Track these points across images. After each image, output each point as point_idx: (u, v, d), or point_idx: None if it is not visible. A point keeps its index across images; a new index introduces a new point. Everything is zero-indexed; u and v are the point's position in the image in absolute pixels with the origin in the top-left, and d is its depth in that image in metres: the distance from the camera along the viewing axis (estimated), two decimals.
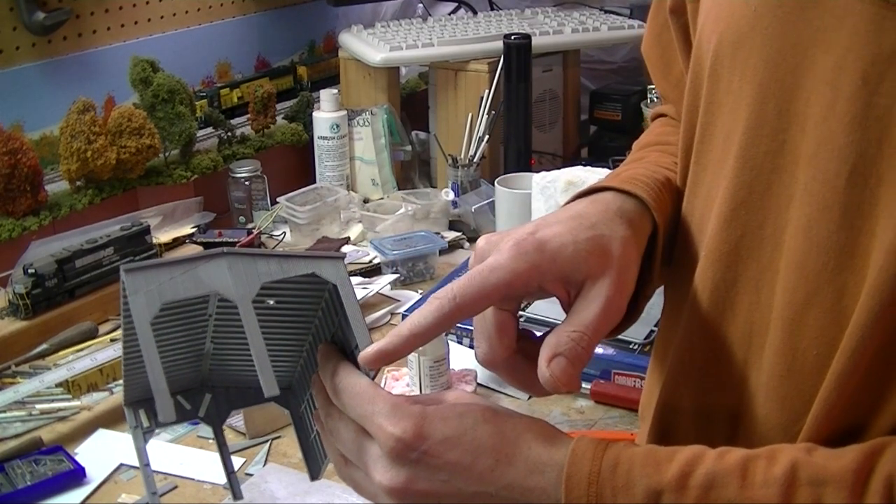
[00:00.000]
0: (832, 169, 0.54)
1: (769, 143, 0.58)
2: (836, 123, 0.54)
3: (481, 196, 1.69)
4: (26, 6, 1.49)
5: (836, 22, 0.54)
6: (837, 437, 0.56)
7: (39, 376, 1.16)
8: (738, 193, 0.60)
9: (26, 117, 1.56)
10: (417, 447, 0.57)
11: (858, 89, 0.53)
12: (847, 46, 0.53)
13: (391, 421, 0.58)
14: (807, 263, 0.56)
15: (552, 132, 1.95)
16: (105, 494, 1.03)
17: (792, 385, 0.58)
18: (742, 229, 0.61)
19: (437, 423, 0.58)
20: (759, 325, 0.60)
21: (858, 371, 0.54)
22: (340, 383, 0.61)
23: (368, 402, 0.59)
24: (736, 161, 0.60)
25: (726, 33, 0.61)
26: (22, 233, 1.43)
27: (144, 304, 0.57)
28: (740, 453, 0.56)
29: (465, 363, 1.20)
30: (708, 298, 0.63)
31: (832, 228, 0.55)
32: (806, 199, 0.56)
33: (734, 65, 0.61)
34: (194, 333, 0.66)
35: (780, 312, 0.58)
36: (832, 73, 0.54)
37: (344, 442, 0.62)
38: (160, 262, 0.59)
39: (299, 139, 1.83)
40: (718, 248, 0.62)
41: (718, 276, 0.62)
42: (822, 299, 0.56)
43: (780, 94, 0.57)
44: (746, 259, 0.61)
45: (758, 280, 0.60)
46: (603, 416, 1.14)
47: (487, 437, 0.58)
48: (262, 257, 0.61)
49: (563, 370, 0.59)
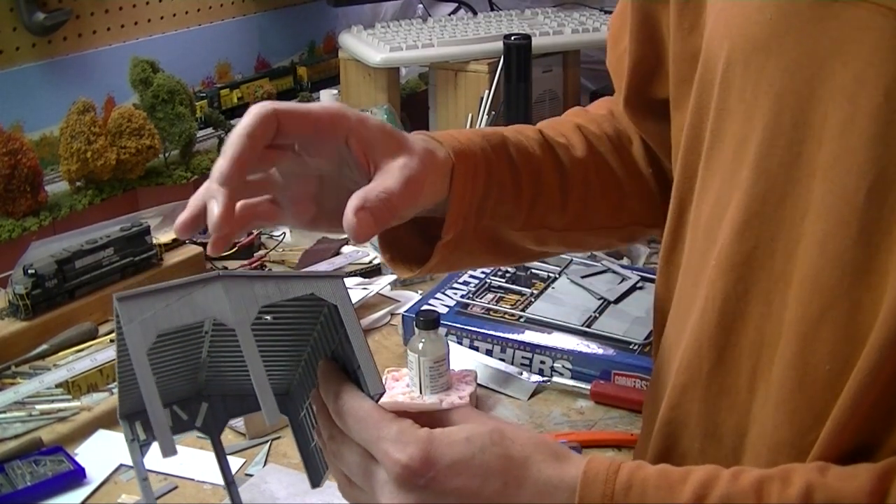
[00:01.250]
0: (851, 184, 0.54)
1: (785, 155, 0.58)
2: (856, 139, 0.53)
3: None
4: (26, 6, 1.49)
5: (858, 35, 0.53)
6: (849, 455, 0.55)
7: (39, 377, 1.16)
8: (752, 204, 0.60)
9: (26, 117, 1.56)
10: (425, 474, 0.57)
11: (880, 105, 0.52)
12: (868, 61, 0.53)
13: (397, 447, 0.57)
14: (821, 278, 0.56)
15: None
16: (105, 495, 1.03)
17: (802, 399, 0.58)
18: (755, 240, 0.60)
19: (445, 448, 0.58)
20: (771, 336, 0.60)
21: (874, 390, 0.54)
22: (344, 406, 0.60)
23: (374, 428, 0.59)
24: (750, 171, 0.60)
25: (739, 40, 0.60)
26: (22, 233, 1.43)
27: (140, 333, 0.56)
28: (754, 474, 0.55)
29: (465, 363, 1.20)
30: (718, 307, 0.63)
31: (848, 244, 0.54)
32: (821, 214, 0.56)
33: (747, 73, 0.60)
34: (190, 348, 0.65)
35: (793, 326, 0.58)
36: (852, 87, 0.53)
37: (349, 466, 0.61)
38: (154, 289, 0.57)
39: None
40: (730, 258, 0.62)
41: (730, 286, 0.62)
42: (837, 315, 0.55)
43: (797, 105, 0.57)
44: (759, 270, 0.60)
45: (769, 292, 0.60)
46: (603, 416, 1.13)
47: (495, 461, 0.58)
48: (260, 279, 0.60)
49: (367, 223, 0.62)
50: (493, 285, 1.35)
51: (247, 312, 0.58)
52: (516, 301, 1.31)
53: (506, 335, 1.22)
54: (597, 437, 1.09)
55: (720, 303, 0.63)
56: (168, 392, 0.68)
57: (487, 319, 1.26)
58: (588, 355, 1.18)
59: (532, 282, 1.36)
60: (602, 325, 1.23)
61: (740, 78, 0.61)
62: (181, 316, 0.57)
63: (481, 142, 0.74)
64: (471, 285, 1.35)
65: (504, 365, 1.21)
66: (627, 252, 1.47)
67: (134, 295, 0.57)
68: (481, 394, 1.18)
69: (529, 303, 1.30)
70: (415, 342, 1.13)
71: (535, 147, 0.78)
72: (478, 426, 0.60)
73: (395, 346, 1.30)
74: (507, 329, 1.24)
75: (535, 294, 1.32)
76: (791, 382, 0.58)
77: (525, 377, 1.19)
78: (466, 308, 1.29)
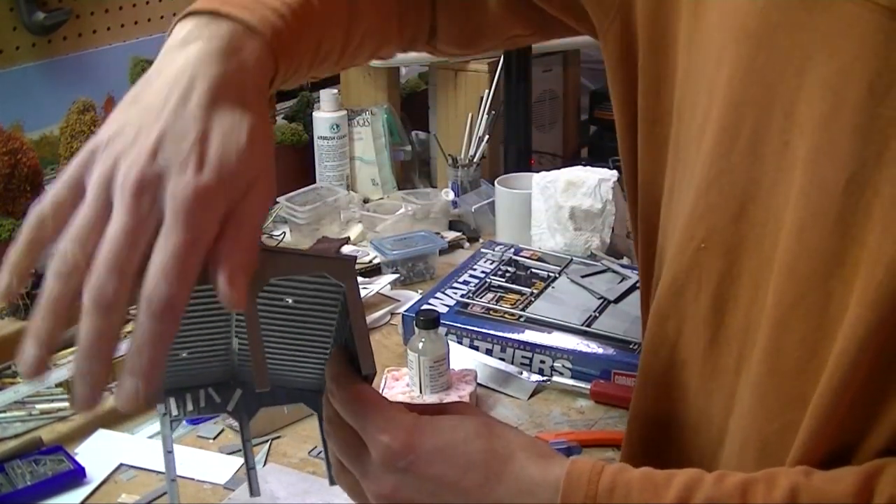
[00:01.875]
0: (830, 175, 0.54)
1: (776, 142, 0.59)
2: (839, 131, 0.54)
3: (481, 196, 1.69)
4: (26, 6, 1.49)
5: (844, 28, 0.54)
6: (831, 455, 0.56)
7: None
8: (748, 189, 0.60)
9: (26, 117, 1.56)
10: (406, 456, 0.58)
11: (864, 99, 0.53)
12: (854, 55, 0.53)
13: (383, 429, 0.58)
14: (797, 266, 0.56)
15: (552, 132, 1.95)
16: (105, 494, 1.03)
17: (772, 385, 0.58)
18: (749, 224, 0.61)
19: (428, 435, 0.58)
20: (755, 321, 0.61)
21: (853, 384, 0.54)
22: (339, 389, 0.61)
23: (364, 410, 0.60)
24: (744, 157, 0.60)
25: (732, 28, 0.61)
26: None
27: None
28: (738, 477, 0.55)
29: (465, 363, 1.20)
30: (712, 289, 0.63)
31: (824, 234, 0.55)
32: (801, 203, 0.56)
33: (738, 58, 0.60)
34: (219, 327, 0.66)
35: (770, 311, 0.58)
36: (836, 78, 0.54)
37: (340, 447, 0.62)
38: None
39: (299, 139, 1.83)
40: (726, 241, 0.62)
41: (724, 268, 0.62)
42: (809, 304, 0.56)
43: (786, 94, 0.57)
44: (751, 253, 0.61)
45: (757, 276, 0.61)
46: (603, 416, 1.14)
47: (478, 453, 0.58)
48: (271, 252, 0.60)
49: None
50: (493, 285, 1.35)
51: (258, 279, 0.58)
52: (516, 301, 1.31)
53: (506, 335, 1.23)
54: (597, 437, 1.09)
55: (714, 285, 0.63)
56: (203, 373, 0.68)
57: (487, 319, 1.26)
58: (588, 355, 1.18)
59: (532, 281, 1.36)
60: (602, 325, 1.23)
61: (730, 64, 0.61)
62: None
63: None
64: (471, 285, 1.35)
65: (504, 364, 1.21)
66: (627, 252, 1.47)
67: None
68: (481, 393, 1.18)
69: (529, 302, 1.30)
70: (415, 342, 1.13)
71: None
72: (467, 418, 0.60)
73: (395, 345, 1.30)
74: (507, 329, 1.24)
75: (535, 294, 1.32)
76: (764, 367, 0.59)
77: (525, 377, 1.19)
78: (466, 308, 1.29)
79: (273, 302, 0.61)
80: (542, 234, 1.51)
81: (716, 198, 0.63)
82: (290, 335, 0.59)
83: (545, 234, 1.51)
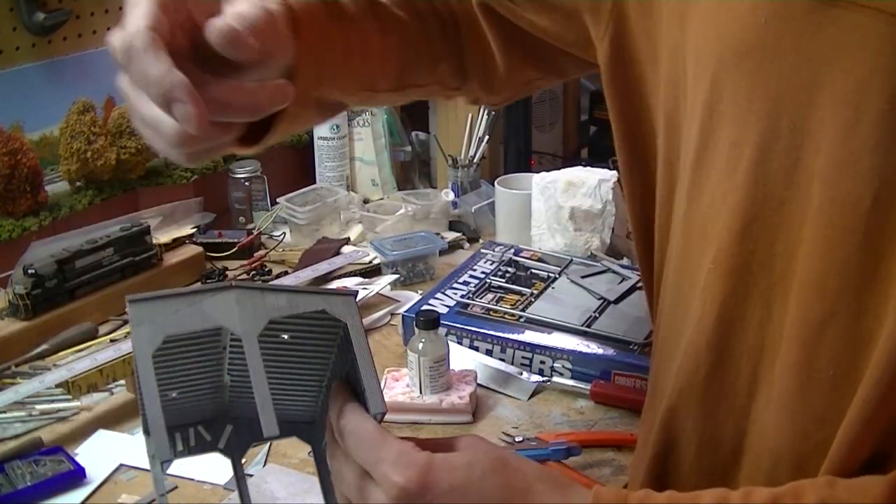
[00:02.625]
0: (854, 191, 0.54)
1: (784, 159, 0.58)
2: (860, 145, 0.53)
3: (481, 196, 1.69)
4: (26, 6, 1.49)
5: (859, 41, 0.53)
6: (862, 465, 0.55)
7: (39, 377, 1.16)
8: (751, 208, 0.60)
9: (26, 117, 1.56)
10: (422, 497, 0.56)
11: (884, 112, 0.52)
12: (871, 68, 0.52)
13: (396, 469, 0.56)
14: (825, 283, 0.56)
15: (552, 132, 1.95)
16: (105, 495, 1.03)
17: (804, 403, 0.58)
18: (754, 244, 0.60)
19: (444, 474, 0.57)
20: (771, 340, 0.60)
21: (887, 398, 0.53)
22: (347, 426, 0.60)
23: (374, 448, 0.58)
24: (747, 175, 0.60)
25: (731, 41, 0.60)
26: (22, 233, 1.43)
27: (147, 336, 0.56)
28: (765, 493, 0.55)
29: (465, 363, 1.20)
30: (717, 311, 0.63)
31: (853, 251, 0.54)
32: (822, 220, 0.56)
33: (740, 74, 0.59)
34: (210, 365, 0.65)
35: (795, 330, 0.58)
36: (854, 93, 0.53)
37: (348, 486, 0.60)
38: (166, 294, 0.57)
39: (299, 139, 1.83)
40: (729, 261, 0.61)
41: (729, 289, 0.62)
42: (841, 320, 0.55)
43: (795, 110, 0.56)
44: (758, 274, 0.60)
45: (769, 295, 0.60)
46: (603, 416, 1.14)
47: (495, 490, 0.57)
48: (272, 292, 0.59)
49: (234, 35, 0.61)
50: (493, 285, 1.35)
51: (255, 323, 0.58)
52: (516, 301, 1.31)
53: (506, 335, 1.22)
54: (597, 437, 1.09)
55: (718, 306, 0.62)
56: (193, 411, 0.68)
57: (487, 319, 1.26)
58: (588, 355, 1.18)
59: (532, 282, 1.36)
60: (602, 325, 1.23)
61: (733, 79, 0.60)
62: (191, 322, 0.57)
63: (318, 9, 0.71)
64: (471, 285, 1.35)
65: (504, 365, 1.21)
66: (627, 252, 1.47)
67: (145, 298, 0.57)
68: (481, 394, 1.18)
69: (529, 303, 1.30)
70: (415, 342, 1.13)
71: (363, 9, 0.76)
72: (480, 454, 0.59)
73: (395, 346, 1.30)
74: (507, 329, 1.24)
75: (535, 294, 1.32)
76: (793, 386, 0.58)
77: (525, 377, 1.19)
78: (466, 308, 1.29)
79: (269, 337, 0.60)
80: (542, 234, 1.51)
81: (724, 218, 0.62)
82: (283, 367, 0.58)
83: (545, 234, 1.51)
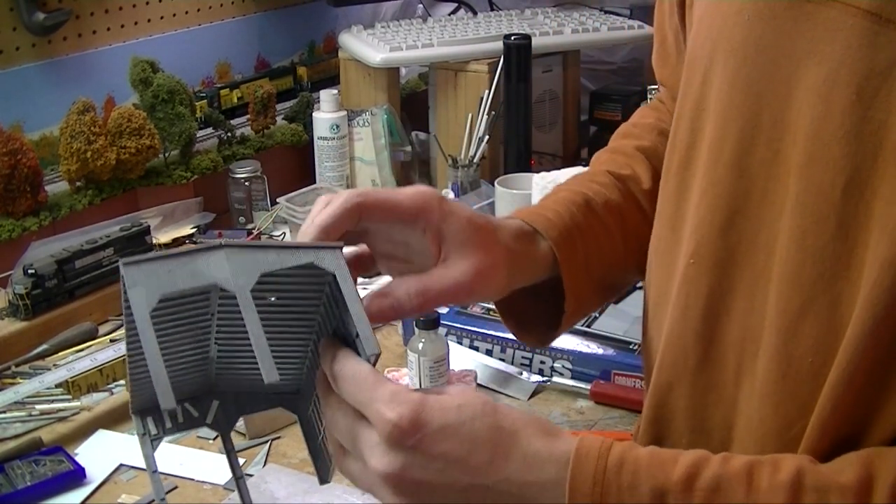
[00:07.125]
0: (827, 181, 0.55)
1: (764, 152, 0.59)
2: (830, 136, 0.54)
3: (481, 196, 1.68)
4: (26, 6, 1.49)
5: (829, 35, 0.54)
6: (834, 449, 0.56)
7: (39, 377, 1.16)
8: (733, 201, 0.61)
9: (26, 117, 1.56)
10: (413, 434, 0.57)
11: (853, 104, 0.53)
12: (840, 60, 0.54)
13: (389, 406, 0.57)
14: (801, 273, 0.57)
15: (552, 132, 1.95)
16: (105, 495, 1.03)
17: (786, 391, 0.59)
18: (738, 236, 0.61)
19: (436, 412, 0.57)
20: (754, 331, 0.61)
21: (854, 383, 0.54)
22: (341, 370, 0.60)
23: (368, 389, 0.58)
24: (730, 169, 0.61)
25: (720, 41, 0.61)
26: (22, 233, 1.43)
27: (143, 296, 0.57)
28: (744, 459, 0.56)
29: (465, 363, 1.20)
30: (702, 303, 0.63)
31: (826, 239, 0.55)
32: (798, 210, 0.57)
33: (725, 72, 0.61)
34: (198, 336, 0.66)
35: (774, 320, 0.59)
36: (824, 86, 0.55)
37: (341, 430, 0.61)
38: (158, 255, 0.59)
39: (299, 139, 1.83)
40: (714, 255, 0.62)
41: (714, 282, 0.63)
42: (818, 308, 0.56)
43: (775, 103, 0.58)
44: (742, 265, 0.61)
45: (752, 287, 0.61)
46: (603, 416, 1.14)
47: (485, 430, 0.58)
48: (261, 248, 0.60)
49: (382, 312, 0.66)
50: None
51: (247, 278, 0.59)
52: None
53: (506, 335, 1.22)
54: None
55: (705, 298, 0.63)
56: (179, 387, 0.68)
57: (487, 319, 1.26)
58: (588, 355, 1.18)
59: None
60: (602, 325, 1.23)
61: (719, 77, 0.62)
62: (184, 280, 0.58)
63: (572, 213, 0.75)
64: None
65: (504, 365, 1.21)
66: None
67: (138, 261, 0.58)
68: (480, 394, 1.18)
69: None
70: (415, 342, 1.13)
71: (614, 194, 0.80)
72: (471, 397, 0.60)
73: (395, 346, 1.30)
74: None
75: None
76: (775, 375, 0.59)
77: (525, 377, 1.19)
78: (466, 308, 1.29)
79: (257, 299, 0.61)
80: None
81: (704, 212, 0.63)
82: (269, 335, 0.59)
83: None
